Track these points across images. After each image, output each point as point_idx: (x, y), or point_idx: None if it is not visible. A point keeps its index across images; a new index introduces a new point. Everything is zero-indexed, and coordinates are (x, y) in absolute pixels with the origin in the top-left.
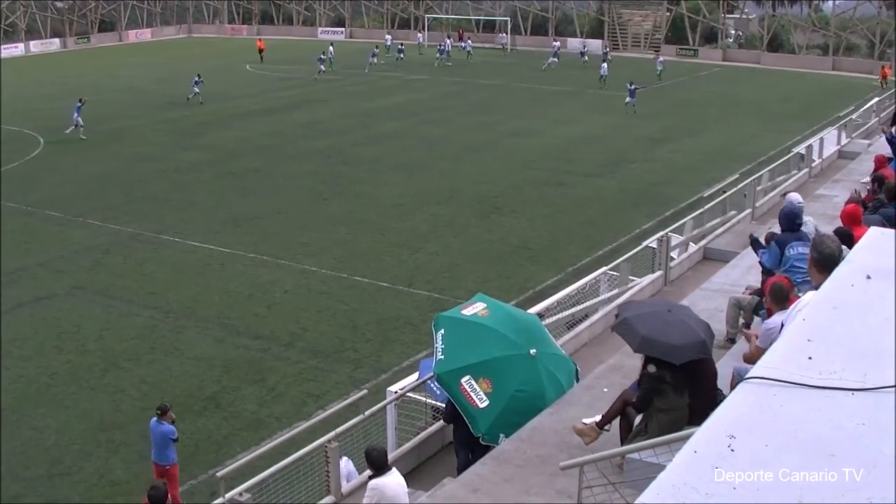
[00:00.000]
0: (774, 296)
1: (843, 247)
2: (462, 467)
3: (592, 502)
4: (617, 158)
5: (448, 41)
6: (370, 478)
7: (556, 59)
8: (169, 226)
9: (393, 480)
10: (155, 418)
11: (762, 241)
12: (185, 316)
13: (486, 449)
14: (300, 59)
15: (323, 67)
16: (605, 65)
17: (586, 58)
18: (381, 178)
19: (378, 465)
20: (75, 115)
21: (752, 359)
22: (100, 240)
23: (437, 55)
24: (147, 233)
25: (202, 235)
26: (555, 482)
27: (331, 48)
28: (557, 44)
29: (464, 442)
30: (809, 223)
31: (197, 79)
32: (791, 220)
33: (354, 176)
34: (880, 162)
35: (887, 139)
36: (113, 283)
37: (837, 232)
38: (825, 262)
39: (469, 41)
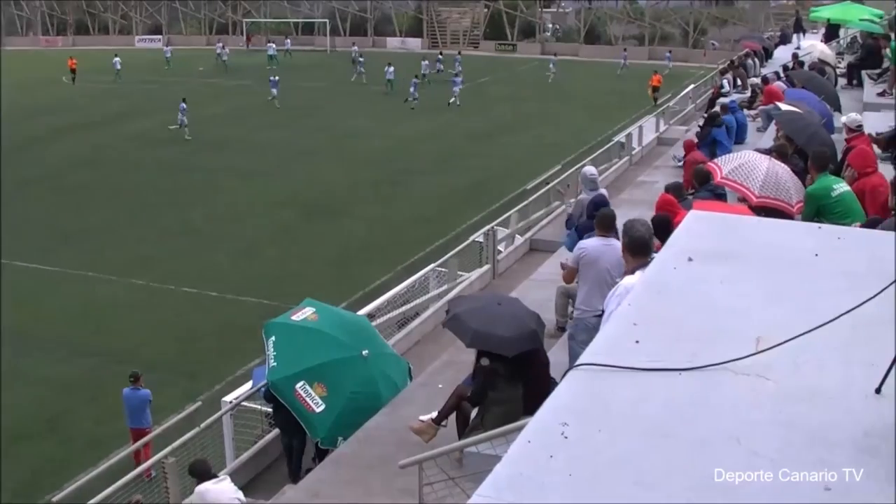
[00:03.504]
0: (599, 222)
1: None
2: (286, 450)
3: (434, 499)
4: (446, 156)
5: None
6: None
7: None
8: None
9: (219, 487)
10: (129, 387)
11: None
12: (17, 338)
13: (326, 453)
14: (127, 69)
15: (414, 90)
16: (391, 68)
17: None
18: (213, 187)
19: (199, 474)
20: (180, 115)
21: (566, 278)
22: None
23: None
24: None
25: (31, 254)
26: (396, 481)
27: (116, 59)
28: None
29: (283, 425)
30: (604, 193)
31: None
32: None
33: (186, 185)
34: (689, 146)
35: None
36: None
37: (656, 217)
38: (635, 246)
39: (272, 44)
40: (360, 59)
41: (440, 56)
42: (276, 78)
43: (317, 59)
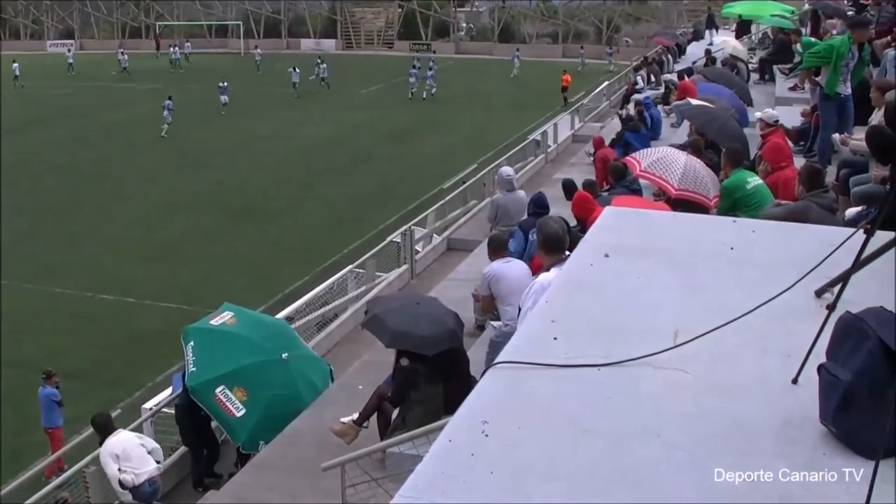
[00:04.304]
0: (490, 247)
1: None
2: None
3: (357, 500)
4: (363, 157)
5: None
6: (100, 444)
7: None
8: None
9: (119, 436)
10: (42, 384)
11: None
12: None
13: (248, 457)
14: (27, 75)
15: (414, 80)
16: (296, 70)
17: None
18: (126, 191)
19: (101, 427)
20: (165, 113)
21: (485, 308)
22: None
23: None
24: None
25: None
26: (320, 484)
27: (15, 65)
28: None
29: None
30: (521, 194)
31: None
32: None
33: (99, 191)
34: (598, 143)
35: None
36: None
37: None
38: (549, 243)
39: (176, 48)
40: (319, 60)
41: (417, 55)
42: (225, 84)
43: (227, 61)
